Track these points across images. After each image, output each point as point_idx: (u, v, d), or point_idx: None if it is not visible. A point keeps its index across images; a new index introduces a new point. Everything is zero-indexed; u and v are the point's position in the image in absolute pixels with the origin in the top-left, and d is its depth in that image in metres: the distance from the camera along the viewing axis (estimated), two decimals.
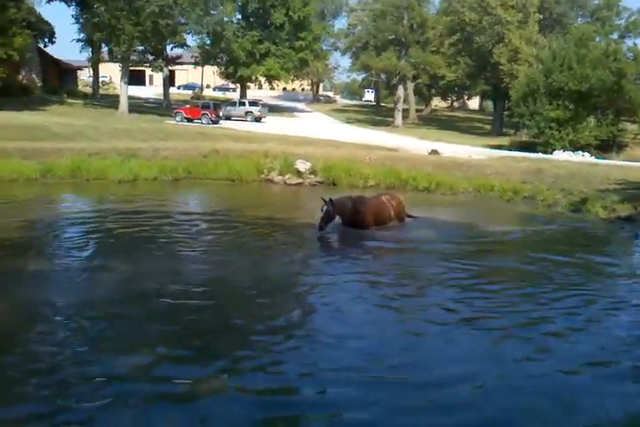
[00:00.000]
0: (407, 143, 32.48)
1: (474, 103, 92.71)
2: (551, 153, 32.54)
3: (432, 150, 28.04)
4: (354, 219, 12.53)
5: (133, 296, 8.10)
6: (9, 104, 34.78)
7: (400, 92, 53.10)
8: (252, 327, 7.27)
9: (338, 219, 12.49)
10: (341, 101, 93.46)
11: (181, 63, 56.23)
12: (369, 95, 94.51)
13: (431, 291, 9.25)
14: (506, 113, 50.56)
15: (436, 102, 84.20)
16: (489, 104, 74.27)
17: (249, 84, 59.41)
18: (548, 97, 36.05)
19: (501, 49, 46.45)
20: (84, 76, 70.60)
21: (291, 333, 7.19)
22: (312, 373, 6.12)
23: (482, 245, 12.38)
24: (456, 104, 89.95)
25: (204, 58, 56.05)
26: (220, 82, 77.37)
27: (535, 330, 7.61)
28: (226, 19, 51.60)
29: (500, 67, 46.00)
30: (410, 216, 14.05)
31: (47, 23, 48.86)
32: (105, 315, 7.37)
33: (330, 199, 11.99)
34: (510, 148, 36.45)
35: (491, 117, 57.07)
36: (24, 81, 44.70)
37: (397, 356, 6.63)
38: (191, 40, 73.87)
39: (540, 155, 30.57)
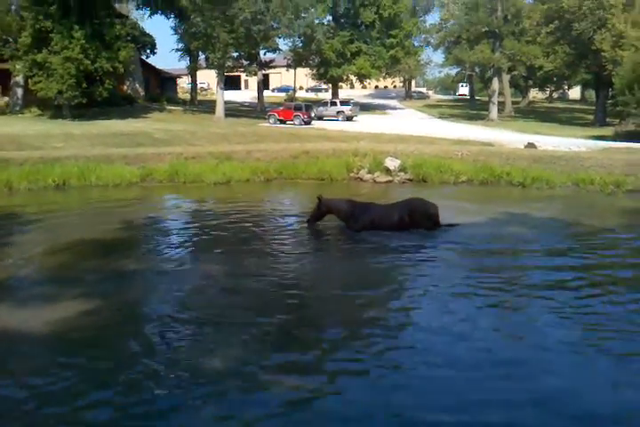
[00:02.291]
0: (502, 137, 31.55)
1: (574, 93, 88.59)
2: None
3: (528, 144, 27.09)
4: (346, 220, 12.13)
5: (231, 294, 8.40)
6: (114, 113, 36.91)
7: (495, 84, 51.53)
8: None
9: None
10: (434, 97, 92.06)
11: (274, 67, 57.38)
12: (463, 89, 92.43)
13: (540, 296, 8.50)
14: (609, 102, 47.92)
15: (534, 94, 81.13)
16: (591, 93, 70.61)
17: (340, 83, 59.73)
18: None
19: (604, 35, 44.03)
20: (184, 83, 73.50)
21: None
22: None
23: (583, 242, 11.83)
24: (555, 95, 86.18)
25: (296, 60, 56.91)
26: (313, 83, 78.28)
27: None
28: (316, 21, 52.21)
29: (603, 53, 43.61)
30: (448, 225, 12.58)
31: (149, 36, 51.44)
32: (202, 315, 7.65)
33: (318, 197, 12.27)
34: (614, 138, 34.52)
35: (593, 107, 54.30)
36: (128, 91, 47.19)
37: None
38: (283, 44, 75.09)
39: None
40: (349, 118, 46.01)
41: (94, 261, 10.00)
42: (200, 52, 47.29)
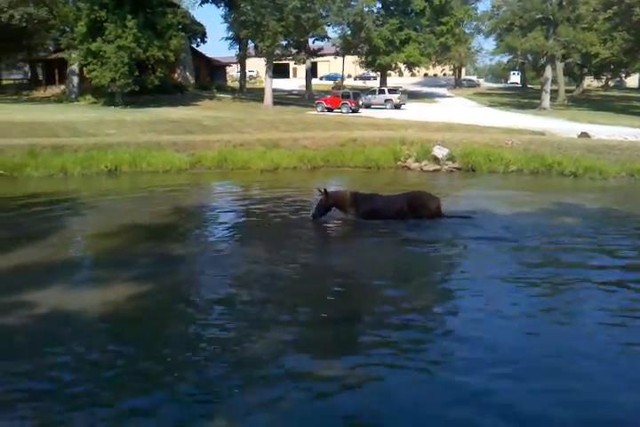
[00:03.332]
0: (554, 126, 30.79)
1: (632, 81, 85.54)
2: None
3: (581, 133, 26.39)
4: (349, 209, 12.07)
5: (276, 280, 8.51)
6: (165, 101, 37.58)
7: (548, 72, 50.21)
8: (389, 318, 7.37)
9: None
10: (485, 85, 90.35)
11: (323, 55, 57.38)
12: (514, 78, 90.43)
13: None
14: None
15: (589, 82, 78.66)
16: None
17: (389, 71, 59.24)
18: None
19: None
20: (233, 71, 74.10)
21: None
22: None
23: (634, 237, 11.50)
24: (611, 83, 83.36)
25: (345, 48, 56.68)
26: (361, 71, 77.84)
27: None
28: (366, 9, 51.82)
29: None
30: (448, 216, 12.22)
31: (199, 24, 52.09)
32: (247, 299, 7.79)
33: (325, 190, 11.97)
34: None
35: None
36: (179, 79, 47.91)
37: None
38: (332, 32, 74.86)
39: None
40: (397, 106, 45.62)
41: (145, 244, 10.26)
42: (249, 41, 47.68)
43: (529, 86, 78.03)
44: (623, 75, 77.37)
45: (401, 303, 7.54)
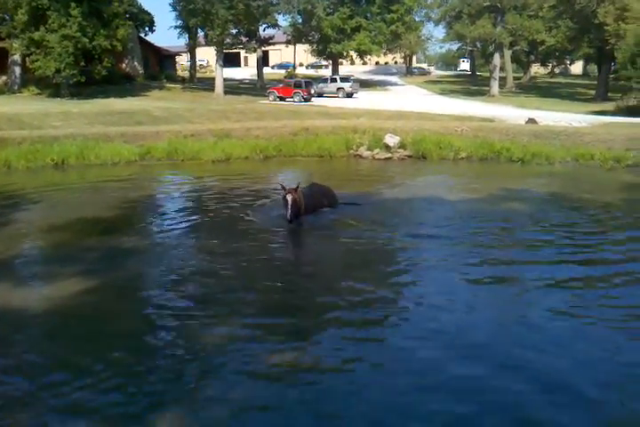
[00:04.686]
0: (503, 113, 31.41)
1: (576, 68, 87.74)
2: None
3: (529, 119, 26.99)
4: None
5: (227, 272, 8.47)
6: (113, 91, 36.76)
7: (496, 60, 51.02)
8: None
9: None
10: (436, 73, 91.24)
11: (274, 43, 56.79)
12: (464, 65, 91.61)
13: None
14: (611, 77, 47.51)
15: (536, 69, 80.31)
16: (593, 68, 69.91)
17: (341, 60, 59.18)
18: None
19: (607, 8, 43.43)
20: (183, 61, 72.89)
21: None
22: None
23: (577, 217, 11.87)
24: (557, 70, 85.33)
25: (296, 37, 56.33)
26: (313, 59, 77.62)
27: None
28: None
29: (606, 27, 43.07)
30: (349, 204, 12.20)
31: (147, 13, 50.81)
32: (198, 292, 7.76)
33: (297, 187, 10.54)
34: (615, 113, 34.33)
35: (595, 82, 53.84)
36: (127, 69, 46.85)
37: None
38: (282, 20, 74.39)
39: None
40: (350, 95, 45.71)
41: (93, 238, 10.07)
42: (199, 29, 46.84)
43: (478, 74, 79.12)
44: (568, 62, 79.24)
45: (351, 294, 7.60)
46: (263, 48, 54.40)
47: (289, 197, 10.12)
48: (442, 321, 6.69)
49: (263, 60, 57.97)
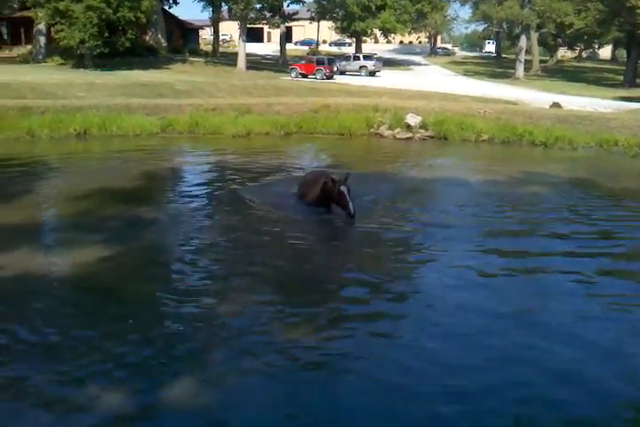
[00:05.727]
0: (528, 96, 30.95)
1: (605, 52, 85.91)
2: None
3: (553, 103, 26.61)
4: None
5: (243, 244, 8.57)
6: (136, 64, 36.70)
7: (522, 42, 50.10)
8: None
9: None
10: (460, 54, 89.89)
11: (298, 19, 56.40)
12: (489, 47, 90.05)
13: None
14: None
15: (563, 53, 78.78)
16: (622, 53, 68.43)
17: (365, 38, 58.46)
18: None
19: None
20: (206, 35, 72.47)
21: None
22: None
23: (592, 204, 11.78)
24: (584, 54, 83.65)
25: (320, 13, 55.63)
26: (336, 37, 76.72)
27: None
28: None
29: (637, 11, 42.06)
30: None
31: None
32: (206, 260, 7.88)
33: (346, 177, 9.57)
34: None
35: (623, 68, 52.76)
36: (150, 42, 46.67)
37: None
38: None
39: None
40: (372, 73, 45.26)
41: (113, 208, 10.19)
42: (223, 3, 46.45)
43: (503, 56, 77.84)
44: (596, 46, 77.59)
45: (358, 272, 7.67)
46: (287, 24, 53.90)
47: (343, 189, 9.23)
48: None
49: (286, 37, 57.46)
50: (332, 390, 4.98)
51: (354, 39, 60.12)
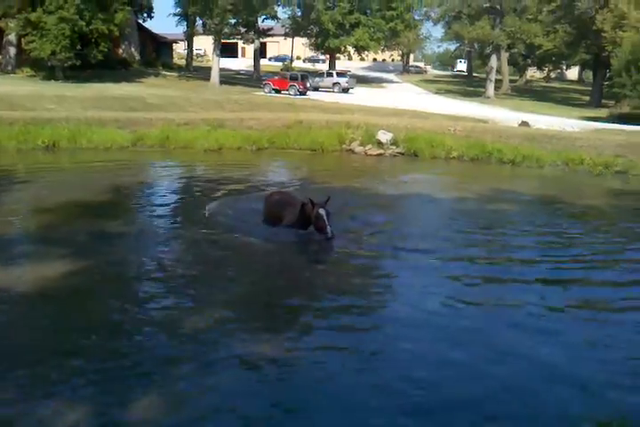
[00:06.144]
0: (497, 115, 31.54)
1: (572, 74, 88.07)
2: None
3: (522, 122, 27.18)
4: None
5: (213, 258, 8.53)
6: (109, 76, 36.51)
7: (493, 62, 51.18)
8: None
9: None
10: (432, 72, 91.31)
11: (272, 35, 56.67)
12: (461, 66, 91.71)
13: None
14: (606, 83, 47.76)
15: (532, 73, 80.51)
16: (588, 74, 70.23)
17: (338, 55, 59.10)
18: None
19: (605, 15, 43.68)
20: (180, 49, 72.48)
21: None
22: None
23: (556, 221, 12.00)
24: (553, 74, 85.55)
25: (295, 29, 56.21)
26: (310, 53, 77.39)
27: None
28: None
29: (603, 34, 43.31)
30: None
31: None
32: (173, 275, 7.83)
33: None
34: (608, 120, 34.59)
35: (589, 88, 54.15)
36: (123, 54, 46.51)
37: None
38: (282, 12, 74.00)
39: None
40: (345, 90, 45.70)
41: (80, 221, 10.05)
42: (197, 18, 46.59)
43: (474, 75, 79.24)
44: (564, 67, 79.45)
45: (331, 286, 7.68)
46: (261, 39, 54.29)
47: (322, 212, 8.87)
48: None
49: (260, 52, 57.81)
50: (301, 407, 4.96)
51: (328, 56, 60.75)
